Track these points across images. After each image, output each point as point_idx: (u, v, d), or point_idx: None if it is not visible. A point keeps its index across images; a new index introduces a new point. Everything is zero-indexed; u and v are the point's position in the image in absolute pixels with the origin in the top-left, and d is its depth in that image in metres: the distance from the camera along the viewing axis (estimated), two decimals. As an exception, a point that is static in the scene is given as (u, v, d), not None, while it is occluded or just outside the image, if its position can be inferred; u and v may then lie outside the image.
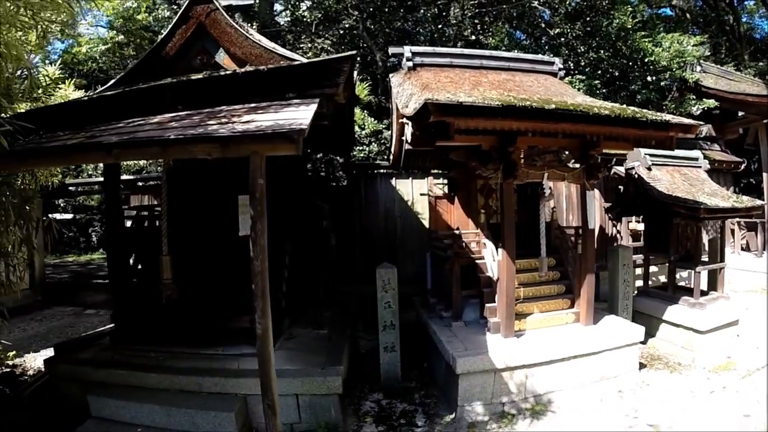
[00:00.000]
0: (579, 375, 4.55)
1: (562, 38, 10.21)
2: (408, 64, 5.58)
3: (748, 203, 5.97)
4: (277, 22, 11.38)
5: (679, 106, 9.59)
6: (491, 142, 4.43)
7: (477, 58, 6.00)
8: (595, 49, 9.82)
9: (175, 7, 10.96)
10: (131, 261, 5.33)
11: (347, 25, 10.64)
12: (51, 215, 12.31)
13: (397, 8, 10.79)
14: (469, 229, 5.74)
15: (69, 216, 17.29)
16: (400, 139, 5.95)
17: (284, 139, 2.46)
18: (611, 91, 9.71)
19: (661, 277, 7.90)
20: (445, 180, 7.39)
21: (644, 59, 9.54)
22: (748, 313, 6.23)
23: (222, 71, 4.54)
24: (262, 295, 2.77)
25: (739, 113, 9.88)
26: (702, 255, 6.32)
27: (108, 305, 8.64)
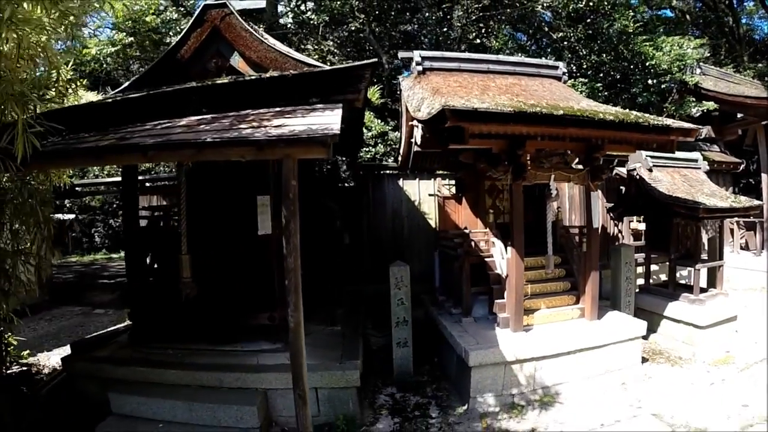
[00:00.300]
0: (585, 368, 4.72)
1: (564, 41, 10.36)
2: (418, 68, 5.72)
3: (746, 203, 6.13)
4: (282, 24, 11.47)
5: (679, 109, 9.73)
6: (501, 145, 4.59)
7: (484, 62, 6.15)
8: (597, 52, 9.97)
9: (182, 9, 11.06)
10: (148, 260, 5.42)
11: (353, 28, 10.74)
12: (56, 215, 12.39)
13: (402, 11, 10.92)
14: (478, 229, 5.89)
15: (71, 216, 17.35)
16: (408, 141, 6.08)
17: (317, 143, 2.60)
18: (613, 94, 9.87)
19: (662, 275, 8.06)
20: (452, 181, 7.52)
21: (645, 63, 9.68)
22: (746, 310, 6.38)
23: (237, 75, 4.62)
24: (295, 291, 2.92)
25: (738, 115, 10.01)
26: (701, 253, 6.48)
27: (116, 305, 8.77)
